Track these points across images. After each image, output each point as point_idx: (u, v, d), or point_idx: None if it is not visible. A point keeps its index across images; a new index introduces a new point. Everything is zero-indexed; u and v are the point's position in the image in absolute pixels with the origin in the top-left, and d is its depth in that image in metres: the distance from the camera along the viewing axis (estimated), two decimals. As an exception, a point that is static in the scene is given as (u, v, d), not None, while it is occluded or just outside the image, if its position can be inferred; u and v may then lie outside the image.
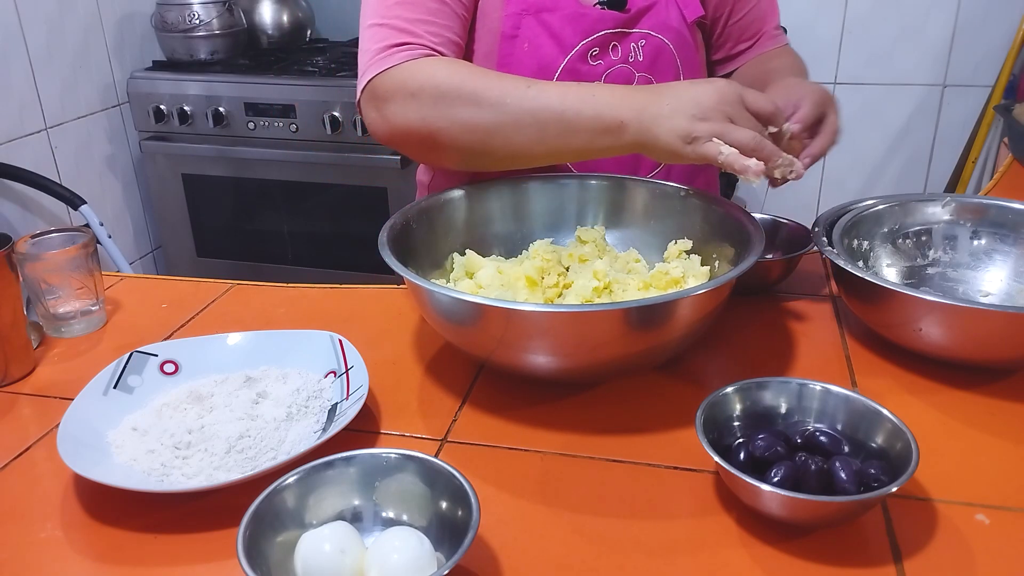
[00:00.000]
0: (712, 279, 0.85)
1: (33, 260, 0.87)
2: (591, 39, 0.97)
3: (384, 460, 0.59)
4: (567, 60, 0.97)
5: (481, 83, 0.85)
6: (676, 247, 0.89)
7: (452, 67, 0.88)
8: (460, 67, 0.88)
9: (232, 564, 0.58)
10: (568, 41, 0.97)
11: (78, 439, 0.67)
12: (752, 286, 0.93)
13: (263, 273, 2.31)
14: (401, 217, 0.86)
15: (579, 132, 0.82)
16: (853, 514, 0.59)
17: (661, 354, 0.76)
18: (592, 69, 0.98)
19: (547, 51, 0.97)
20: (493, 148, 0.87)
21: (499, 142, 0.86)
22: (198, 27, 2.24)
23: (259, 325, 0.91)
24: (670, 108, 0.78)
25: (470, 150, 0.88)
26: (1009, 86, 2.18)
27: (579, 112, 0.82)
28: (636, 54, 0.99)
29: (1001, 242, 0.91)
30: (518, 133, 0.84)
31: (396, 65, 0.88)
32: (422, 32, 0.91)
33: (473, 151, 0.88)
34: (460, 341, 0.77)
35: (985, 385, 0.76)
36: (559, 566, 0.58)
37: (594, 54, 0.98)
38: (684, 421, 0.72)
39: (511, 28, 0.96)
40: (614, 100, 0.81)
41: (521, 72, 0.96)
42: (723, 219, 0.86)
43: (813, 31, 2.33)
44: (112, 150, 2.32)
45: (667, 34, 1.01)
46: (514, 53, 0.97)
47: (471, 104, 0.85)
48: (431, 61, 0.89)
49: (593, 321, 0.68)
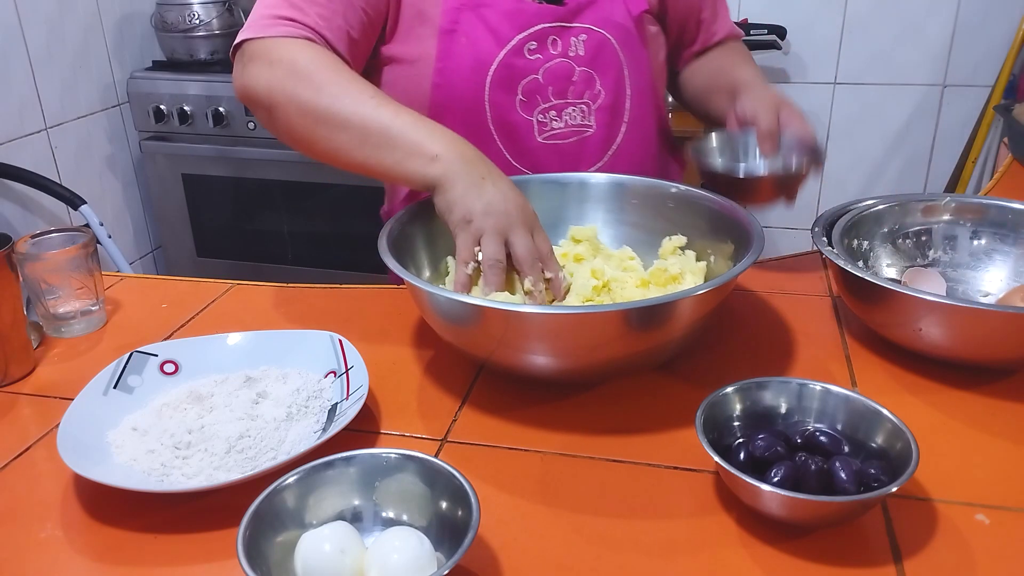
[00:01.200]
0: (708, 274, 0.86)
1: (33, 260, 0.87)
2: (527, 33, 0.98)
3: (384, 460, 0.59)
4: (503, 54, 0.98)
5: (331, 76, 0.88)
6: (671, 243, 0.89)
7: (316, 54, 0.90)
8: (324, 57, 0.90)
9: (232, 564, 0.58)
10: (505, 35, 0.98)
11: (78, 439, 0.67)
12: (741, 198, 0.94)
13: (263, 273, 2.31)
14: (400, 218, 0.86)
15: (395, 149, 0.84)
16: (853, 514, 0.59)
17: (662, 354, 0.76)
18: (529, 63, 0.99)
19: (484, 45, 0.97)
20: (316, 138, 0.89)
21: (323, 133, 0.87)
22: (198, 27, 2.24)
23: (259, 325, 0.91)
24: (478, 179, 0.81)
25: (297, 133, 0.90)
26: (1009, 86, 2.18)
27: (404, 130, 0.84)
28: (577, 48, 1.00)
29: (1001, 242, 0.91)
30: (342, 131, 0.86)
31: (271, 37, 0.91)
32: (312, 13, 0.92)
33: (299, 135, 0.90)
34: (460, 342, 0.77)
35: (985, 385, 0.76)
36: (559, 566, 0.58)
37: (531, 48, 0.98)
38: (684, 421, 0.72)
39: (449, 23, 0.97)
40: (444, 139, 0.83)
41: (458, 66, 0.97)
42: (719, 216, 0.86)
43: (813, 31, 2.33)
44: (112, 150, 2.32)
45: (610, 29, 1.01)
46: (452, 48, 0.97)
47: (312, 89, 0.87)
48: (302, 43, 0.91)
49: (594, 322, 0.68)
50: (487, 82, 0.98)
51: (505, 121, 1.00)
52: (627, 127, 1.05)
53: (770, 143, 0.94)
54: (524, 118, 1.01)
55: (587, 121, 1.03)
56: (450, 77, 0.98)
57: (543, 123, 1.01)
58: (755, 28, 2.26)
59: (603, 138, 1.04)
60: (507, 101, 0.99)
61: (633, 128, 1.06)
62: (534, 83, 0.99)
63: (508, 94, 0.99)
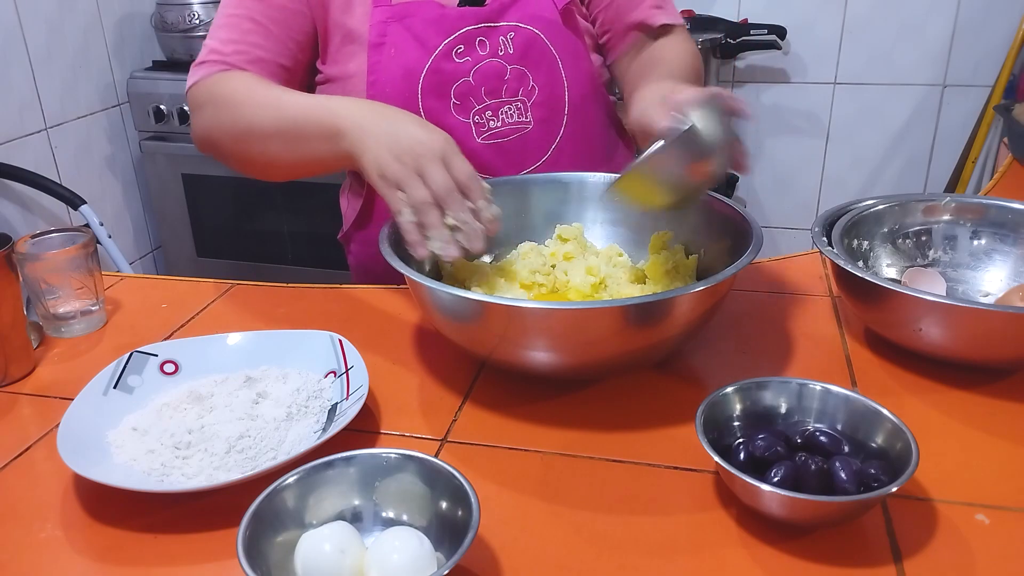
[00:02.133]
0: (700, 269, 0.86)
1: (33, 260, 0.87)
2: (453, 37, 0.98)
3: (384, 460, 0.59)
4: (431, 60, 0.98)
5: (245, 92, 0.92)
6: (659, 237, 0.89)
7: (234, 79, 0.94)
8: (241, 79, 0.94)
9: (232, 564, 0.58)
10: (431, 42, 0.98)
11: (78, 439, 0.67)
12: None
13: (263, 273, 2.31)
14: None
15: (308, 139, 0.86)
16: (853, 514, 0.59)
17: (663, 349, 0.76)
18: (458, 67, 0.99)
19: (412, 55, 0.98)
20: (253, 155, 0.92)
21: (257, 149, 0.91)
22: (198, 27, 2.24)
23: (259, 325, 0.91)
24: (381, 133, 0.81)
25: (239, 157, 0.95)
26: (1009, 86, 2.18)
27: (307, 117, 0.86)
28: (506, 47, 1.00)
29: (1001, 242, 0.91)
30: (270, 139, 0.89)
31: (196, 82, 0.98)
32: (229, 51, 0.97)
33: (242, 158, 0.95)
34: (462, 339, 0.77)
35: (985, 385, 0.76)
36: (559, 566, 0.58)
37: (459, 51, 0.98)
38: (684, 421, 0.72)
39: (377, 36, 0.98)
40: (342, 110, 0.84)
41: (389, 78, 0.98)
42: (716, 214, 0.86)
43: (813, 31, 2.33)
44: (112, 150, 2.32)
45: (537, 24, 1.01)
46: (381, 60, 0.98)
47: (233, 108, 0.91)
48: (222, 76, 0.95)
49: (596, 318, 0.69)
50: (419, 89, 0.98)
51: (441, 126, 0.96)
52: (567, 119, 1.04)
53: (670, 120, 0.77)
54: (460, 121, 1.00)
55: (524, 118, 1.03)
56: (382, 89, 0.98)
57: (480, 124, 1.01)
58: (755, 28, 2.27)
59: (544, 133, 1.04)
60: (441, 106, 0.99)
61: (574, 120, 1.05)
62: (465, 85, 0.99)
63: (441, 99, 0.99)
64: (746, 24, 2.28)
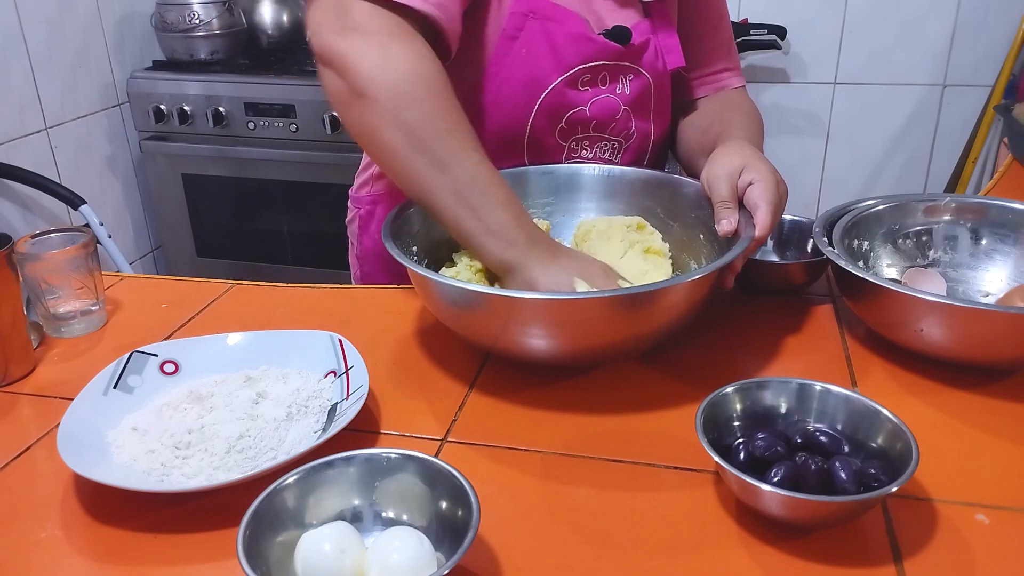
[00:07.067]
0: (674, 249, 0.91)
1: (33, 260, 0.87)
2: (589, 65, 0.95)
3: (384, 460, 0.59)
4: (559, 81, 0.95)
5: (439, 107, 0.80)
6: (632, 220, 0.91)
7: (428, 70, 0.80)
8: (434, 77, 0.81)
9: (232, 564, 0.58)
10: (567, 60, 0.94)
11: (78, 439, 0.67)
12: (778, 288, 0.93)
13: (263, 273, 2.31)
14: (400, 211, 0.87)
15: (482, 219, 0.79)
16: (853, 514, 0.59)
17: (661, 335, 0.77)
18: (580, 95, 0.97)
19: (543, 63, 0.94)
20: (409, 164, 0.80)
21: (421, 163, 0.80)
22: (198, 27, 2.24)
23: (259, 325, 0.91)
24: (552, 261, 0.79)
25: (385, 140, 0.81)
26: (1009, 86, 2.18)
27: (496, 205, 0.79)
28: (624, 87, 0.99)
29: (1001, 242, 0.91)
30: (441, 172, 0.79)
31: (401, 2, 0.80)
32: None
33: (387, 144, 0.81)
34: (464, 329, 0.79)
35: (985, 385, 0.76)
36: (559, 566, 0.58)
37: (585, 80, 0.96)
38: (684, 421, 0.72)
39: (513, 28, 0.93)
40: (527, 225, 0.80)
41: (512, 78, 0.94)
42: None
43: (813, 31, 2.33)
44: (112, 150, 2.32)
45: (652, 74, 1.01)
46: (510, 55, 0.93)
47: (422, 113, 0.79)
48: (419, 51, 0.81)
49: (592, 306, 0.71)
50: (536, 105, 0.95)
51: (539, 141, 0.99)
52: (646, 167, 1.05)
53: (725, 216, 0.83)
54: (558, 143, 1.00)
55: (614, 158, 1.03)
56: (500, 88, 0.94)
57: (573, 149, 1.01)
58: (755, 28, 2.26)
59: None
60: (548, 127, 0.98)
61: (650, 168, 1.05)
62: (580, 114, 0.98)
63: (552, 121, 0.97)
64: (746, 24, 2.28)
